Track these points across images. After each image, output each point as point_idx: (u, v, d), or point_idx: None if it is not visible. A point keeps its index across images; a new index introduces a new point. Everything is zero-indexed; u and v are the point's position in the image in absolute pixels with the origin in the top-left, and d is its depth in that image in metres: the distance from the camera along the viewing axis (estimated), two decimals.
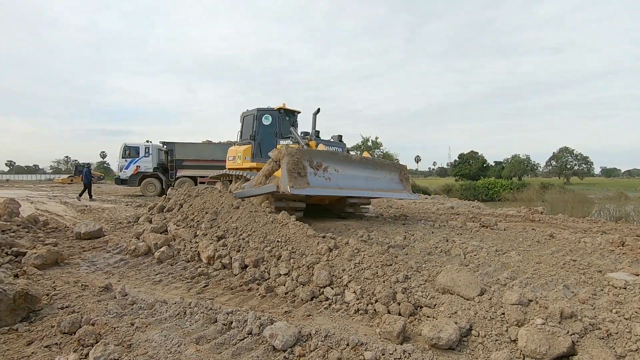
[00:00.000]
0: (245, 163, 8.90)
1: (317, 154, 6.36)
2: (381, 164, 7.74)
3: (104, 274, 4.26)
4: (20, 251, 4.54)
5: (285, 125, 9.28)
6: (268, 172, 6.29)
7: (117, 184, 18.10)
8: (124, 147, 17.48)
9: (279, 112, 9.29)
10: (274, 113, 9.26)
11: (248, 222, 5.10)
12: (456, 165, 58.40)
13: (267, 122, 9.13)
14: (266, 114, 9.19)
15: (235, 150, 9.49)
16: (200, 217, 5.74)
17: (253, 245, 4.52)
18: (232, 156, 9.55)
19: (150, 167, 17.30)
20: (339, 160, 6.53)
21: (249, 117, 9.45)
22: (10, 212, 6.11)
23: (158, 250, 4.97)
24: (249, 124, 9.38)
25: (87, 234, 5.96)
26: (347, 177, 6.50)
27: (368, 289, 3.31)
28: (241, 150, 9.08)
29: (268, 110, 9.28)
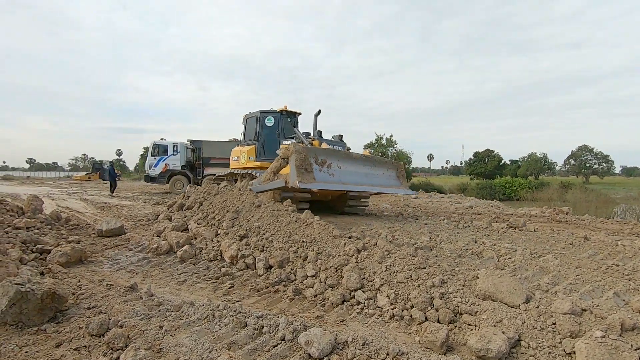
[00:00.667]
0: (250, 163, 9.26)
1: (322, 151, 6.68)
2: (380, 161, 8.05)
3: (127, 272, 4.21)
4: (45, 248, 4.54)
5: (287, 126, 9.65)
6: (276, 168, 6.57)
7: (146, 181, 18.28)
8: (153, 146, 17.64)
9: (281, 113, 9.64)
10: (277, 115, 9.59)
11: (271, 221, 4.98)
12: (471, 164, 57.33)
13: (270, 124, 9.51)
14: (269, 115, 9.55)
15: (240, 150, 9.82)
16: (221, 216, 5.65)
17: (277, 245, 4.41)
18: (237, 156, 9.93)
19: (179, 165, 17.44)
20: (341, 157, 6.86)
21: (252, 119, 9.78)
22: (34, 209, 6.15)
23: (180, 249, 4.90)
24: (252, 125, 9.73)
25: (108, 231, 5.95)
26: (349, 173, 6.84)
27: (402, 294, 3.15)
28: (245, 151, 9.42)
29: (271, 112, 9.61)
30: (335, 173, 6.58)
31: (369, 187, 7.31)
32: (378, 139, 38.09)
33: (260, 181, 6.82)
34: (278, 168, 6.55)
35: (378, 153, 35.98)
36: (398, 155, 36.07)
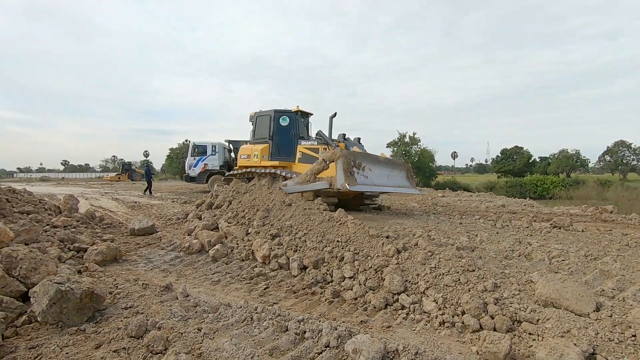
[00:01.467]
0: (264, 162, 9.29)
1: (358, 155, 7.08)
2: (395, 163, 8.59)
3: (161, 271, 4.17)
4: (82, 247, 4.58)
5: (301, 126, 9.77)
6: (318, 170, 6.76)
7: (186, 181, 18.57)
8: (192, 146, 17.87)
9: (296, 114, 9.73)
10: (292, 115, 9.67)
11: (303, 220, 4.84)
12: (498, 161, 55.29)
13: (284, 123, 9.56)
14: (284, 115, 9.64)
15: (251, 148, 9.82)
16: (251, 215, 5.57)
17: (311, 245, 4.26)
18: (247, 154, 9.93)
19: (217, 165, 17.57)
20: (371, 160, 7.29)
21: (264, 118, 9.85)
22: (70, 208, 6.29)
23: (212, 248, 4.85)
24: (264, 124, 9.78)
25: (140, 230, 6.00)
26: (377, 175, 7.30)
27: (451, 298, 2.92)
28: (258, 149, 9.45)
29: (285, 112, 9.72)
30: (369, 175, 6.98)
31: (392, 188, 7.76)
32: (401, 137, 37.40)
33: (297, 182, 6.94)
34: (319, 170, 6.75)
35: (401, 151, 35.31)
36: (422, 153, 35.24)
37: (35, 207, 5.38)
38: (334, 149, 6.79)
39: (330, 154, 6.60)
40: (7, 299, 2.80)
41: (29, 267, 3.10)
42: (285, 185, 7.25)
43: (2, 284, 2.89)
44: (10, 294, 2.91)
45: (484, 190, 28.91)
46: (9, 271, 3.09)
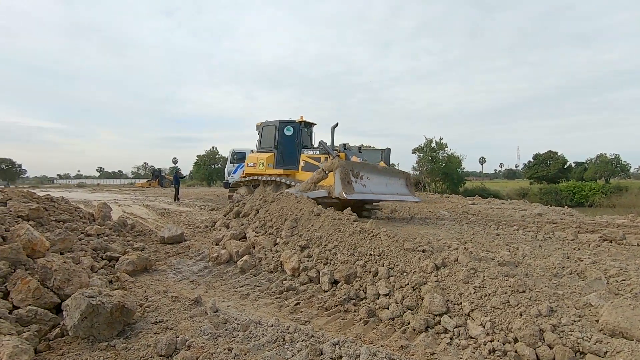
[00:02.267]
0: (269, 170, 9.68)
1: (356, 164, 7.35)
2: (394, 171, 8.90)
3: (190, 283, 4.12)
4: (113, 256, 4.62)
5: (304, 136, 10.13)
6: (317, 179, 7.10)
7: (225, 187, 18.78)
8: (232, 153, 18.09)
9: (300, 124, 10.07)
10: (296, 125, 10.03)
11: (332, 232, 4.68)
12: (530, 167, 52.86)
13: (289, 133, 9.96)
14: (288, 125, 10.01)
15: (257, 157, 10.21)
16: (279, 224, 5.46)
17: (342, 258, 4.08)
18: (253, 163, 10.35)
19: None
20: (369, 169, 7.53)
21: (269, 128, 10.20)
22: (103, 215, 6.43)
23: (240, 259, 4.77)
24: (270, 134, 10.13)
25: (170, 238, 6.03)
26: (375, 184, 7.51)
27: (500, 322, 2.66)
28: (264, 158, 9.83)
29: (290, 122, 10.07)
30: (367, 184, 7.24)
31: (390, 196, 7.92)
32: (427, 142, 36.61)
33: (299, 190, 7.26)
34: (319, 179, 7.06)
35: (428, 157, 34.53)
36: (449, 159, 34.28)
37: (71, 216, 5.52)
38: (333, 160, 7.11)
39: (329, 164, 6.87)
40: (41, 310, 2.80)
41: (62, 278, 3.10)
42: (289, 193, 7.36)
43: (37, 295, 2.89)
44: (44, 305, 2.91)
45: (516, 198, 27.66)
46: (44, 282, 3.11)
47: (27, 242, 3.52)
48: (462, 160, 37.23)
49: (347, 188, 6.46)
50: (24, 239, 3.52)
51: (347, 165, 6.85)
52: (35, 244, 3.58)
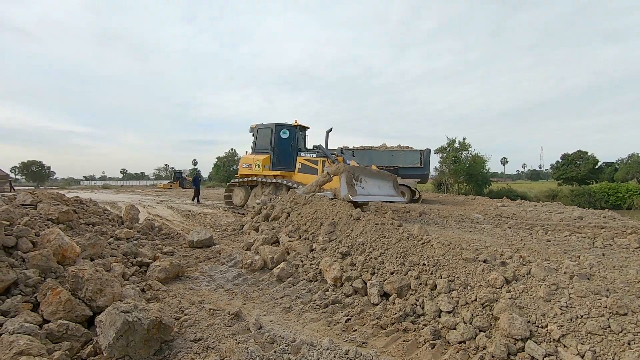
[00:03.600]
0: (265, 171, 10.03)
1: (357, 169, 7.86)
2: (383, 174, 9.30)
3: (226, 292, 3.83)
4: (144, 261, 4.39)
5: (299, 139, 10.46)
6: (322, 182, 7.51)
7: None
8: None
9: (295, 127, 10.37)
10: (291, 128, 10.33)
11: (376, 238, 4.29)
12: (558, 167, 50.71)
13: (285, 136, 10.23)
14: (284, 128, 10.31)
15: (253, 158, 10.47)
16: (314, 229, 5.12)
17: (390, 268, 3.69)
18: (248, 164, 10.59)
19: None
20: (366, 173, 8.03)
21: (265, 130, 10.56)
22: (131, 218, 6.27)
23: (276, 266, 4.46)
24: (265, 136, 10.47)
25: (199, 242, 5.79)
26: (371, 186, 8.01)
27: (604, 353, 2.21)
28: (260, 160, 10.13)
29: (286, 126, 10.39)
30: (365, 186, 7.75)
31: (383, 197, 8.36)
32: (450, 142, 35.61)
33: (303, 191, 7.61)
34: (324, 182, 7.49)
35: (451, 158, 33.59)
36: (474, 160, 33.22)
37: (100, 218, 5.35)
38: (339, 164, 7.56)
39: (335, 168, 7.35)
40: (72, 325, 2.54)
41: (94, 288, 2.85)
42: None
43: (68, 307, 2.65)
44: (75, 319, 2.66)
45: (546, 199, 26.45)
46: (75, 292, 2.87)
47: (57, 248, 3.31)
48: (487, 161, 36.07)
49: (351, 191, 6.91)
50: (54, 245, 3.30)
51: (351, 170, 7.37)
52: (65, 249, 3.37)
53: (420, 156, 15.70)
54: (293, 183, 9.28)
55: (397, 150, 16.26)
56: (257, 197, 10.13)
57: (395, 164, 15.76)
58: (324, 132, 9.64)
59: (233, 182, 11.03)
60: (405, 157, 15.72)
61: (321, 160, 9.51)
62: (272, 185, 9.51)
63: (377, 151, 16.35)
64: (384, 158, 15.96)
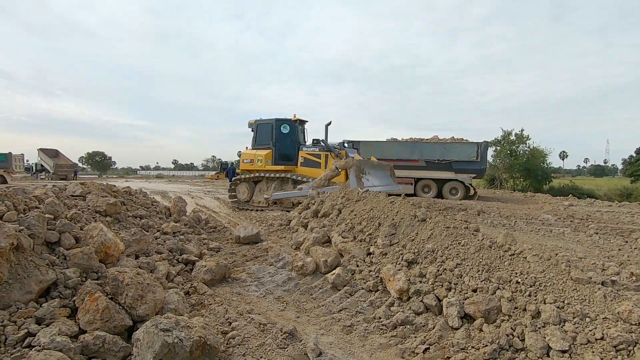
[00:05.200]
0: (268, 166, 10.16)
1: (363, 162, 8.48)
2: (382, 165, 9.96)
3: (276, 300, 3.41)
4: (190, 259, 4.12)
5: (299, 133, 10.66)
6: (331, 177, 7.95)
7: None
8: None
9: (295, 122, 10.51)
10: (292, 123, 10.44)
11: (448, 244, 3.64)
12: (632, 162, 45.27)
13: (285, 131, 10.35)
14: (284, 123, 10.39)
15: (254, 154, 10.53)
16: (371, 229, 4.56)
17: (472, 283, 3.04)
18: (250, 159, 10.64)
19: None
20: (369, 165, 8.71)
21: (266, 126, 10.63)
22: (179, 210, 6.12)
23: (330, 271, 3.98)
24: (266, 131, 10.56)
25: (245, 238, 5.48)
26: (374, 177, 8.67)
27: None
28: (262, 155, 10.25)
29: (286, 120, 10.48)
30: (369, 178, 8.30)
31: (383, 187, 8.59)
32: (506, 134, 32.97)
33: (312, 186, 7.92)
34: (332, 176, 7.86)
35: (506, 151, 31.11)
36: (532, 153, 30.48)
37: (148, 211, 5.21)
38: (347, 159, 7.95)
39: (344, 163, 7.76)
40: (109, 337, 2.22)
41: (135, 295, 2.53)
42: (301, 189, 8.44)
43: (105, 316, 2.34)
44: (114, 329, 2.35)
45: (617, 199, 23.53)
46: (115, 296, 2.57)
47: (99, 245, 3.06)
48: (549, 155, 32.98)
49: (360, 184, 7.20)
50: (96, 242, 3.06)
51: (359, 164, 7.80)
52: (108, 247, 3.12)
53: (476, 149, 14.38)
54: (298, 176, 9.46)
55: (450, 142, 15.03)
56: (262, 192, 10.23)
57: (448, 157, 14.59)
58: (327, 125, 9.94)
59: (237, 178, 11.00)
60: (460, 150, 14.46)
61: (324, 154, 9.73)
62: (278, 180, 9.73)
63: (428, 143, 15.22)
64: (435, 151, 14.82)
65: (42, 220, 2.89)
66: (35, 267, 2.57)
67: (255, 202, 10.29)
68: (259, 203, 10.08)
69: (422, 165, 14.94)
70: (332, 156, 9.65)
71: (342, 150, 9.90)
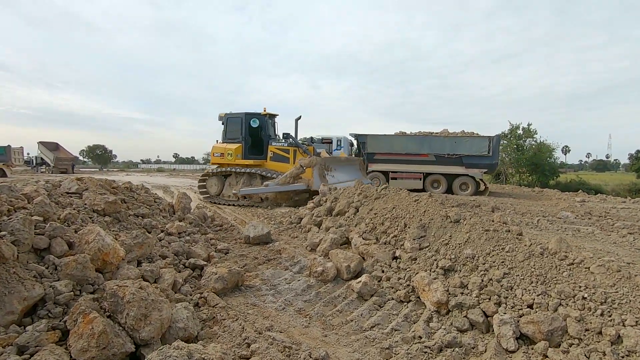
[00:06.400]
0: (238, 160, 10.13)
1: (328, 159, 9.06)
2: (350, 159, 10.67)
3: (297, 313, 3.01)
4: (197, 263, 3.72)
5: (269, 127, 10.68)
6: (296, 174, 8.05)
7: None
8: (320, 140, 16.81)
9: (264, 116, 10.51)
10: (261, 117, 10.43)
11: (491, 250, 3.23)
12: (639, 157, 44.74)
13: (254, 125, 10.32)
14: (254, 117, 10.35)
15: (224, 148, 10.43)
16: (396, 230, 4.15)
17: (526, 298, 2.63)
18: (220, 153, 10.53)
19: None
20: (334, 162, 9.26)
21: (235, 119, 10.55)
22: (183, 207, 5.72)
23: (353, 277, 3.59)
24: (236, 125, 10.47)
25: (255, 238, 5.08)
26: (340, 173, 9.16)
27: None
28: (232, 149, 10.18)
29: (255, 114, 10.46)
30: (334, 175, 8.77)
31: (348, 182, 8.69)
32: (513, 128, 32.42)
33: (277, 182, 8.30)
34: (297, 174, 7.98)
35: (513, 145, 30.58)
36: (539, 147, 29.98)
37: (150, 209, 4.80)
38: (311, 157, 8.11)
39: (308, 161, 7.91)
40: None
41: (137, 314, 2.13)
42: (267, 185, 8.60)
43: (102, 343, 1.94)
44: (112, 358, 1.96)
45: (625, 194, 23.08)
46: (114, 315, 2.17)
47: (96, 252, 2.65)
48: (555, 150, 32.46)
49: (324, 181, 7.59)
50: (93, 248, 2.65)
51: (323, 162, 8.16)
52: (106, 253, 2.71)
53: (488, 143, 13.88)
54: (267, 172, 9.51)
55: (461, 136, 14.52)
56: (232, 187, 10.10)
57: (458, 151, 14.09)
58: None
59: (207, 172, 10.99)
60: (471, 144, 13.96)
61: (292, 150, 9.72)
62: (246, 175, 9.83)
63: (438, 137, 14.71)
64: (445, 145, 14.32)
65: (28, 224, 2.48)
66: (18, 280, 2.16)
67: (225, 196, 10.33)
68: (229, 197, 10.10)
69: (431, 160, 14.47)
70: (299, 152, 9.67)
71: (310, 146, 9.98)
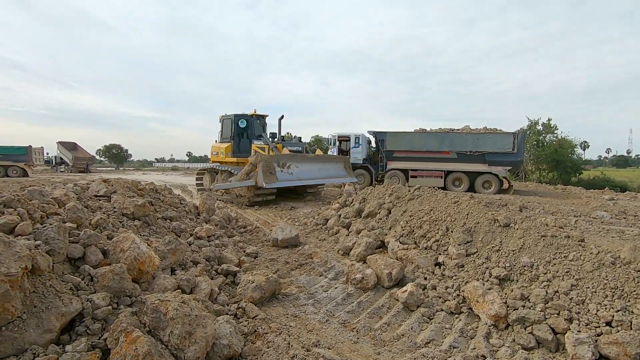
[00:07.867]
0: (228, 158, 10.95)
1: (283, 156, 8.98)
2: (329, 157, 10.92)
3: (342, 326, 2.80)
4: (230, 269, 3.55)
5: (257, 127, 11.33)
6: (248, 171, 8.45)
7: None
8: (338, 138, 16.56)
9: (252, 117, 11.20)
10: (248, 118, 11.17)
11: (551, 258, 2.95)
12: None
13: (242, 125, 11.08)
14: (242, 118, 11.13)
15: (219, 147, 11.43)
16: (437, 235, 3.90)
17: (601, 313, 2.36)
18: (216, 152, 11.51)
19: (360, 159, 15.57)
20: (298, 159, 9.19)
21: (227, 120, 11.38)
22: (208, 208, 5.57)
23: (395, 284, 3.37)
24: (228, 126, 11.33)
25: (284, 241, 4.90)
26: (304, 171, 9.14)
27: None
28: (223, 148, 11.09)
29: (244, 116, 11.23)
30: (294, 172, 8.83)
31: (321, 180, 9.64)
32: (532, 124, 31.50)
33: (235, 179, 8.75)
34: (249, 171, 8.39)
35: (532, 141, 29.74)
36: (560, 143, 29.06)
37: (177, 211, 4.66)
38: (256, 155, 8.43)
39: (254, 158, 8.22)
40: None
41: (181, 332, 1.95)
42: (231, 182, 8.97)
43: None
44: None
45: None
46: (156, 331, 2.00)
47: (132, 261, 2.49)
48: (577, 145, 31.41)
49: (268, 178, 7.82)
50: (129, 257, 2.49)
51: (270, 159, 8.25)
52: (142, 262, 2.55)
53: (513, 140, 13.40)
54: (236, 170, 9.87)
55: (484, 133, 14.05)
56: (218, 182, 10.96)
57: (481, 148, 13.65)
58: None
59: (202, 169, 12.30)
60: (495, 140, 13.49)
61: (267, 148, 10.29)
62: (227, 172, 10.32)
63: (460, 134, 14.27)
64: (467, 142, 13.88)
65: (63, 232, 2.33)
66: (55, 294, 2.01)
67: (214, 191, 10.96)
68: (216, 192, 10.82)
69: (453, 157, 14.07)
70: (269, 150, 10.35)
71: (279, 144, 10.72)
